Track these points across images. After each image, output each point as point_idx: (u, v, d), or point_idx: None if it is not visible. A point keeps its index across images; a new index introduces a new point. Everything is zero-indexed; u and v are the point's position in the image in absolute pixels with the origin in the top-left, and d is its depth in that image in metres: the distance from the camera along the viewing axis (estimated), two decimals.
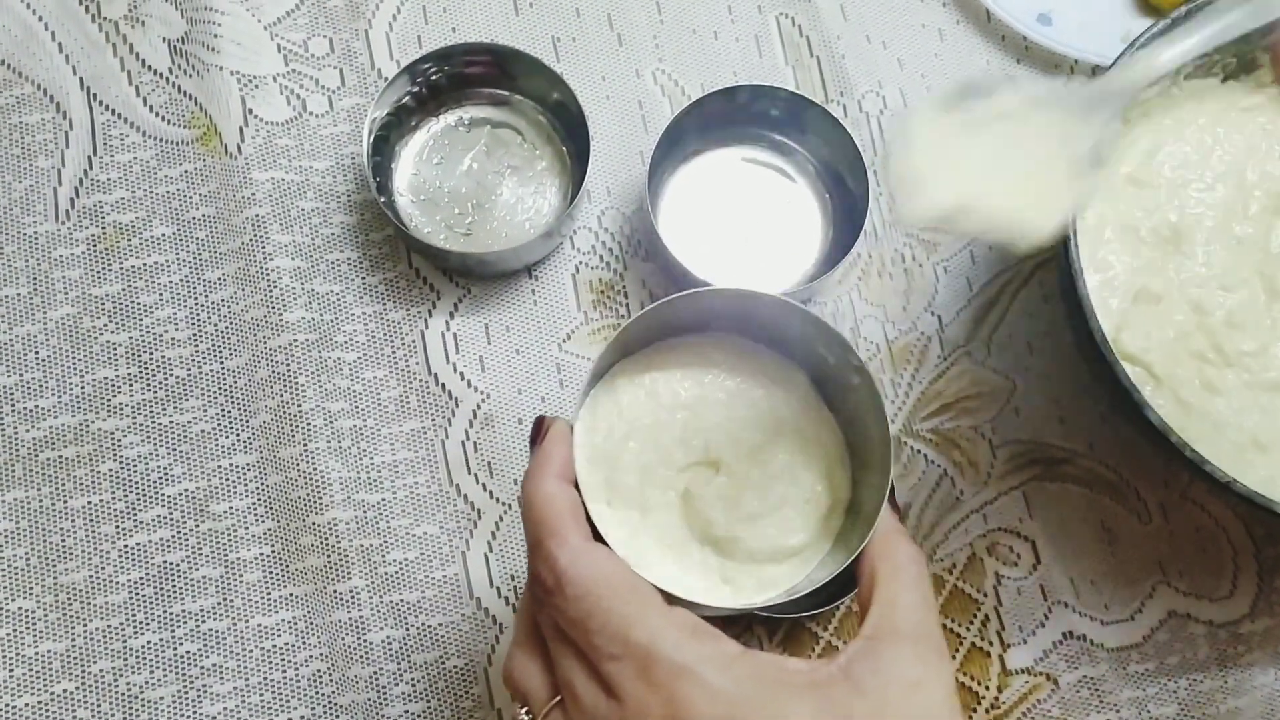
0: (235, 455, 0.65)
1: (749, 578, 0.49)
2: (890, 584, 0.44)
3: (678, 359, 0.52)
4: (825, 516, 0.50)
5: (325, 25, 0.72)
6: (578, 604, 0.40)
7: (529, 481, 0.44)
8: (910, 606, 0.43)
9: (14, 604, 0.63)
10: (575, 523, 0.43)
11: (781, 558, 0.49)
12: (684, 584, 0.48)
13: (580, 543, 0.42)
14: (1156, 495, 0.67)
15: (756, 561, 0.49)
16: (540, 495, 0.43)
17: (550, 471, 0.44)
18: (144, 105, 0.70)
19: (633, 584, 0.41)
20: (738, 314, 0.51)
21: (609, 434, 0.50)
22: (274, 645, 0.63)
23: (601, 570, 0.41)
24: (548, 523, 0.42)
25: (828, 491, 0.50)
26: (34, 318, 0.67)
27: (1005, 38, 0.74)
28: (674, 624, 0.40)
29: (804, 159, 0.70)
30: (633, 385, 0.51)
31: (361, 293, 0.68)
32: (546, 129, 0.70)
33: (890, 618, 0.43)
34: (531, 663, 0.43)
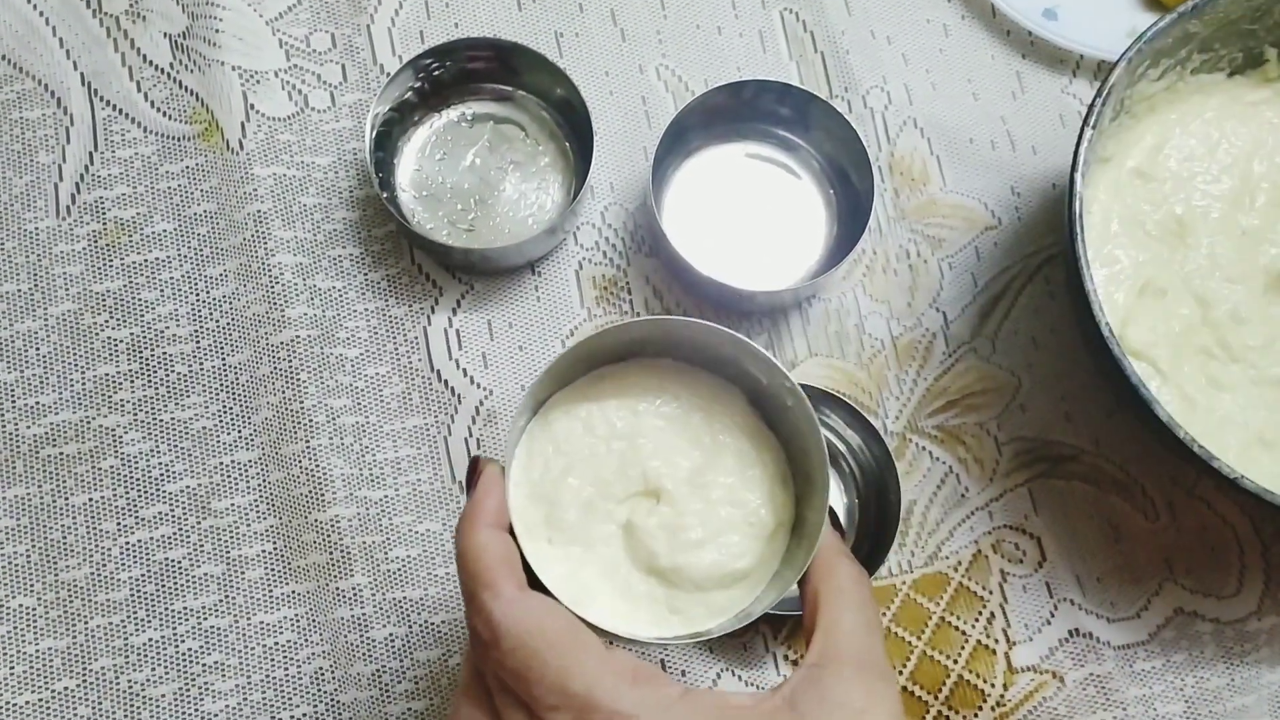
0: (237, 452, 0.65)
1: (697, 606, 0.49)
2: (832, 608, 0.44)
3: (612, 388, 0.51)
4: (770, 537, 0.50)
5: (327, 20, 0.72)
6: (514, 656, 0.40)
7: (461, 533, 0.43)
8: (853, 631, 0.43)
9: (15, 601, 0.62)
10: (509, 572, 0.42)
11: (729, 583, 0.49)
12: (631, 618, 0.48)
13: (514, 593, 0.41)
14: (1163, 492, 0.67)
15: (703, 589, 0.49)
16: (473, 546, 0.43)
17: (482, 521, 0.43)
18: (145, 100, 0.70)
19: (569, 632, 0.41)
20: (670, 340, 0.51)
21: (546, 470, 0.49)
22: (276, 642, 0.63)
23: (537, 620, 0.41)
24: (480, 575, 0.42)
25: (771, 512, 0.50)
26: (35, 314, 0.66)
27: (1010, 33, 0.74)
28: (612, 671, 0.40)
29: (808, 155, 0.70)
30: (567, 418, 0.50)
31: (364, 289, 0.68)
32: (549, 124, 0.70)
33: (834, 644, 0.43)
34: (477, 711, 0.43)
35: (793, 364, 0.68)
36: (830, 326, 0.68)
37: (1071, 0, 0.73)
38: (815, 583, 0.45)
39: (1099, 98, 0.58)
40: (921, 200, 0.71)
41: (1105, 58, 0.71)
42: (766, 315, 0.68)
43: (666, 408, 0.51)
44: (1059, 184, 0.71)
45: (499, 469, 0.46)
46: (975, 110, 0.73)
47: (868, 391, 0.68)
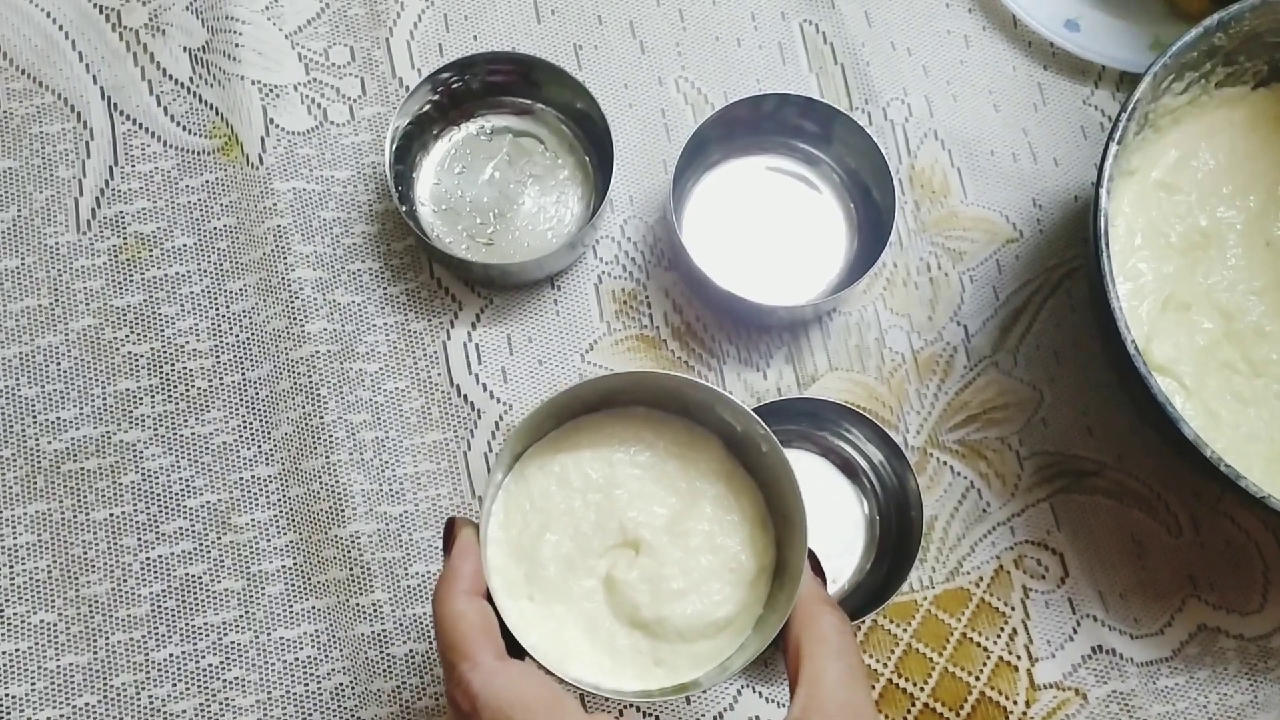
0: (257, 467, 0.65)
1: (681, 657, 0.49)
2: (815, 658, 0.44)
3: (587, 438, 0.51)
4: (752, 583, 0.50)
5: (346, 34, 0.72)
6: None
7: (437, 602, 0.43)
8: (836, 682, 0.43)
9: (36, 616, 0.63)
10: (487, 641, 0.42)
11: (713, 632, 0.49)
12: (615, 673, 0.48)
13: (492, 663, 0.41)
14: (1187, 507, 0.66)
15: (687, 640, 0.49)
16: (450, 616, 0.43)
17: (458, 588, 0.43)
18: (165, 115, 0.70)
19: (549, 700, 0.41)
20: (643, 389, 0.51)
21: (525, 527, 0.49)
22: (296, 658, 0.63)
23: (516, 691, 0.41)
24: (458, 645, 0.42)
25: (752, 557, 0.50)
26: (55, 329, 0.66)
27: (1032, 44, 0.73)
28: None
29: (829, 168, 0.69)
30: (542, 473, 0.50)
31: (383, 303, 0.68)
32: (569, 138, 0.70)
33: (818, 696, 0.43)
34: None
35: (813, 378, 0.68)
36: (850, 340, 0.68)
37: (1093, 12, 0.72)
38: (797, 632, 0.45)
39: (1124, 112, 0.58)
40: (942, 213, 0.70)
41: (1127, 69, 0.71)
42: (786, 329, 0.68)
43: (641, 456, 0.51)
44: (1081, 196, 0.71)
45: (474, 532, 0.46)
46: (996, 122, 0.72)
47: (888, 406, 0.67)
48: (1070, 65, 0.73)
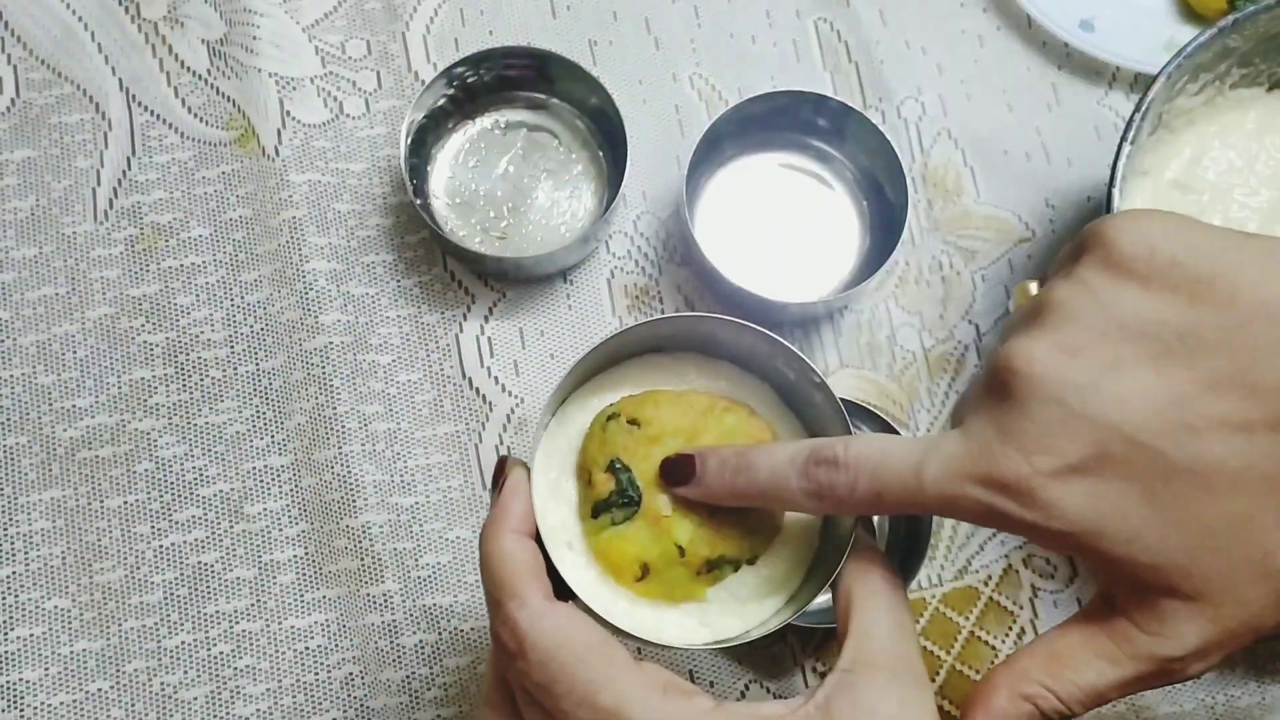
0: (270, 457, 0.65)
1: (730, 617, 0.47)
2: (865, 611, 0.42)
3: (632, 377, 0.49)
4: (803, 534, 0.48)
5: (363, 27, 0.72)
6: (542, 669, 0.39)
7: (485, 539, 0.42)
8: (887, 635, 0.42)
9: (50, 603, 0.63)
10: (535, 581, 0.41)
11: (764, 593, 0.47)
12: (657, 630, 0.46)
13: (541, 603, 0.40)
14: None
15: (738, 599, 0.47)
16: (497, 553, 0.42)
17: (507, 526, 0.42)
18: (182, 106, 0.70)
19: (598, 644, 0.40)
20: (695, 336, 0.49)
21: (562, 469, 0.47)
22: (307, 647, 0.63)
23: (564, 632, 0.40)
24: (506, 583, 0.41)
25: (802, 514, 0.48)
26: (72, 317, 0.67)
27: (1046, 44, 0.73)
28: (642, 684, 0.39)
29: (842, 165, 0.70)
30: (583, 412, 0.48)
31: (396, 296, 0.68)
32: (583, 133, 0.70)
33: (867, 648, 0.41)
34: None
35: (824, 375, 0.67)
36: (862, 338, 0.68)
37: (1108, 12, 0.72)
38: (848, 585, 0.43)
39: (1137, 113, 0.58)
40: (955, 212, 0.70)
41: (1142, 70, 0.71)
42: (798, 326, 0.68)
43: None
44: (1094, 196, 0.71)
45: (525, 472, 0.45)
46: (1010, 121, 0.72)
47: (899, 404, 0.67)
48: (1085, 65, 0.73)
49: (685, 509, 0.46)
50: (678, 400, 0.47)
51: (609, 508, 0.46)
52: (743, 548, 0.46)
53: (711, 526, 0.46)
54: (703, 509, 0.46)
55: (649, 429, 0.46)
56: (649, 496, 0.46)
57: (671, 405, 0.47)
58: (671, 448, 0.46)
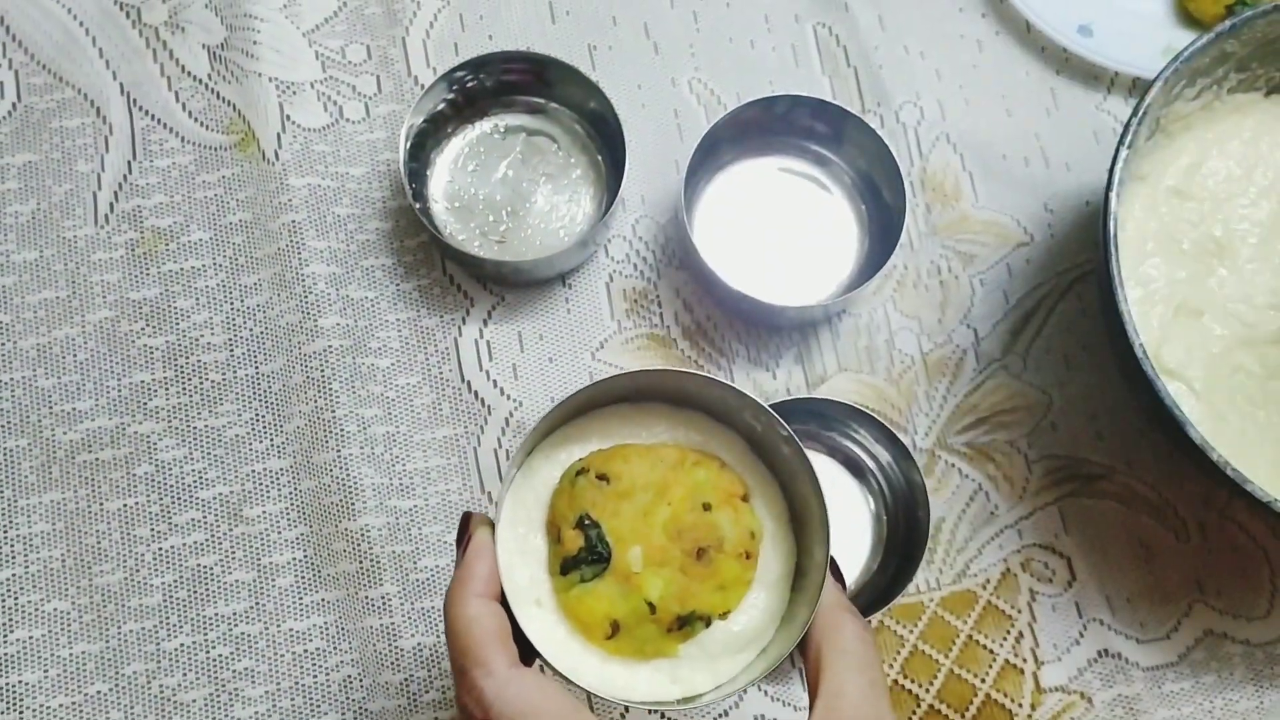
0: (269, 460, 0.66)
1: (701, 674, 0.46)
2: (836, 671, 0.42)
3: (600, 430, 0.48)
4: (774, 587, 0.47)
5: (363, 32, 0.72)
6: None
7: (450, 603, 0.42)
8: (859, 695, 0.42)
9: (49, 605, 0.63)
10: (501, 647, 0.41)
11: (738, 647, 0.47)
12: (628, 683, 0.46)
13: (505, 670, 0.40)
14: (1195, 513, 0.66)
15: (710, 656, 0.46)
16: (462, 619, 0.41)
17: (471, 591, 0.42)
18: (183, 111, 0.71)
19: (564, 711, 0.40)
20: (663, 388, 0.49)
21: (530, 524, 0.47)
22: (305, 650, 0.63)
23: (530, 700, 0.40)
24: (471, 650, 0.41)
25: (776, 562, 0.48)
26: (72, 320, 0.67)
27: (1045, 49, 0.73)
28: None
29: (840, 169, 0.70)
30: (551, 465, 0.48)
31: (396, 299, 0.68)
32: (582, 137, 0.70)
33: (838, 709, 0.42)
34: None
35: (822, 379, 0.68)
36: (860, 342, 0.68)
37: (1106, 17, 0.72)
38: (818, 641, 0.44)
39: (1134, 117, 0.58)
40: (953, 216, 0.71)
41: (1140, 75, 0.71)
42: (796, 329, 0.68)
43: None
44: (1092, 201, 0.71)
45: (489, 531, 0.44)
46: (1008, 126, 0.72)
47: (897, 407, 0.67)
48: (1083, 70, 0.73)
49: (656, 565, 0.45)
50: (647, 454, 0.47)
51: (578, 564, 0.46)
52: (714, 603, 0.46)
53: (682, 583, 0.45)
54: (674, 565, 0.45)
55: (619, 484, 0.46)
56: (619, 553, 0.46)
57: (641, 459, 0.47)
58: (642, 502, 0.46)
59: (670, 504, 0.46)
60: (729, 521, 0.46)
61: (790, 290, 0.68)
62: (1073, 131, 0.72)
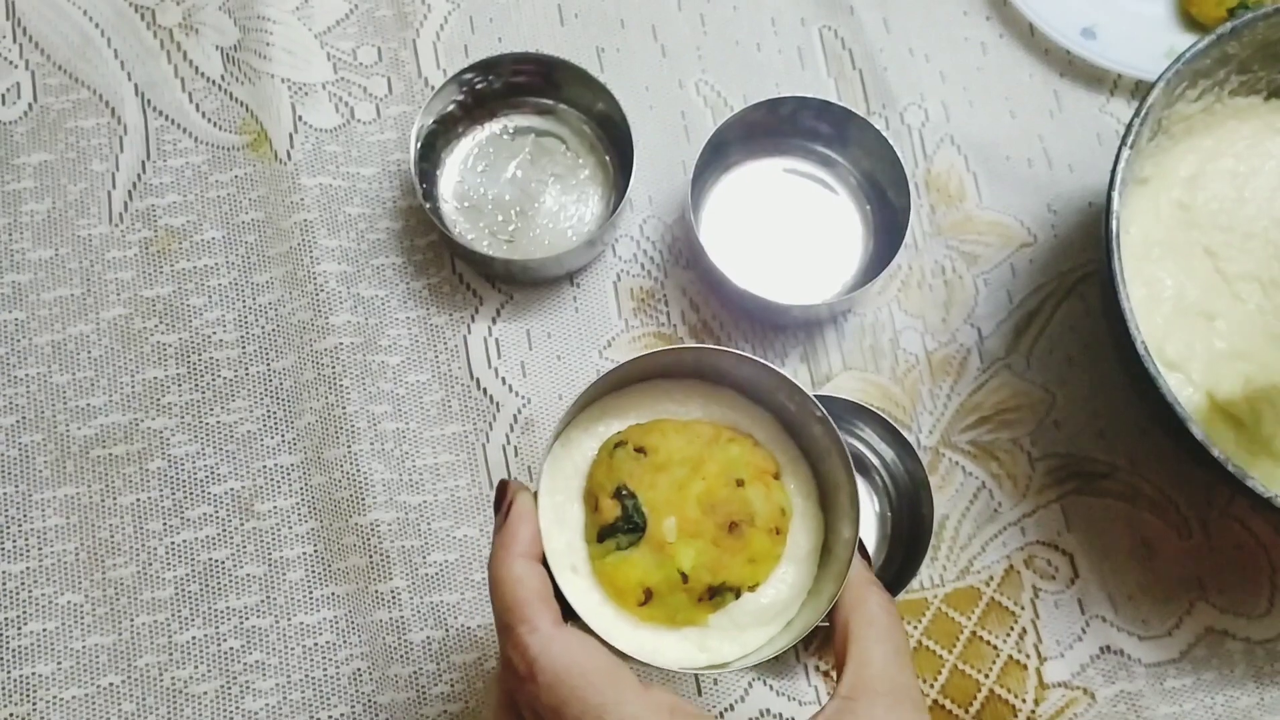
0: (280, 455, 0.66)
1: (730, 644, 0.47)
2: (863, 639, 0.44)
3: (634, 404, 0.50)
4: (804, 562, 0.49)
5: (374, 34, 0.73)
6: (551, 692, 0.40)
7: (495, 563, 0.43)
8: (884, 662, 0.43)
9: (63, 598, 0.64)
10: (545, 606, 0.42)
11: (767, 619, 0.48)
12: (656, 649, 0.47)
13: (550, 628, 0.42)
14: (1197, 510, 0.67)
15: (739, 626, 0.48)
16: (508, 578, 0.43)
17: (516, 551, 0.43)
18: (197, 111, 0.72)
19: (607, 669, 0.41)
20: (700, 365, 0.50)
21: (567, 493, 0.48)
22: (315, 643, 0.64)
23: (574, 656, 0.41)
24: (516, 608, 0.42)
25: (806, 536, 0.49)
26: (87, 318, 0.68)
27: (1049, 52, 0.74)
28: (650, 708, 0.40)
29: (845, 170, 0.70)
30: (589, 438, 0.49)
31: (406, 297, 0.69)
32: (590, 138, 0.71)
33: (865, 675, 0.43)
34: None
35: (827, 377, 0.68)
36: (865, 341, 0.69)
37: (1110, 20, 0.73)
38: (845, 613, 0.45)
39: (1136, 118, 0.59)
40: (958, 217, 0.71)
41: (1143, 77, 0.72)
42: (802, 329, 0.69)
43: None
44: (1095, 202, 0.72)
45: (531, 497, 0.46)
46: (1012, 128, 0.73)
47: (902, 406, 0.68)
48: (1086, 73, 0.74)
49: (689, 536, 0.47)
50: (684, 429, 0.49)
51: (614, 533, 0.47)
52: (744, 575, 0.47)
53: (714, 554, 0.47)
54: (706, 537, 0.47)
55: (655, 457, 0.47)
56: (654, 523, 0.47)
57: (678, 434, 0.48)
58: (677, 475, 0.47)
59: (704, 478, 0.47)
60: (760, 497, 0.48)
61: (796, 290, 0.68)
62: (1076, 133, 0.73)
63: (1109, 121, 0.73)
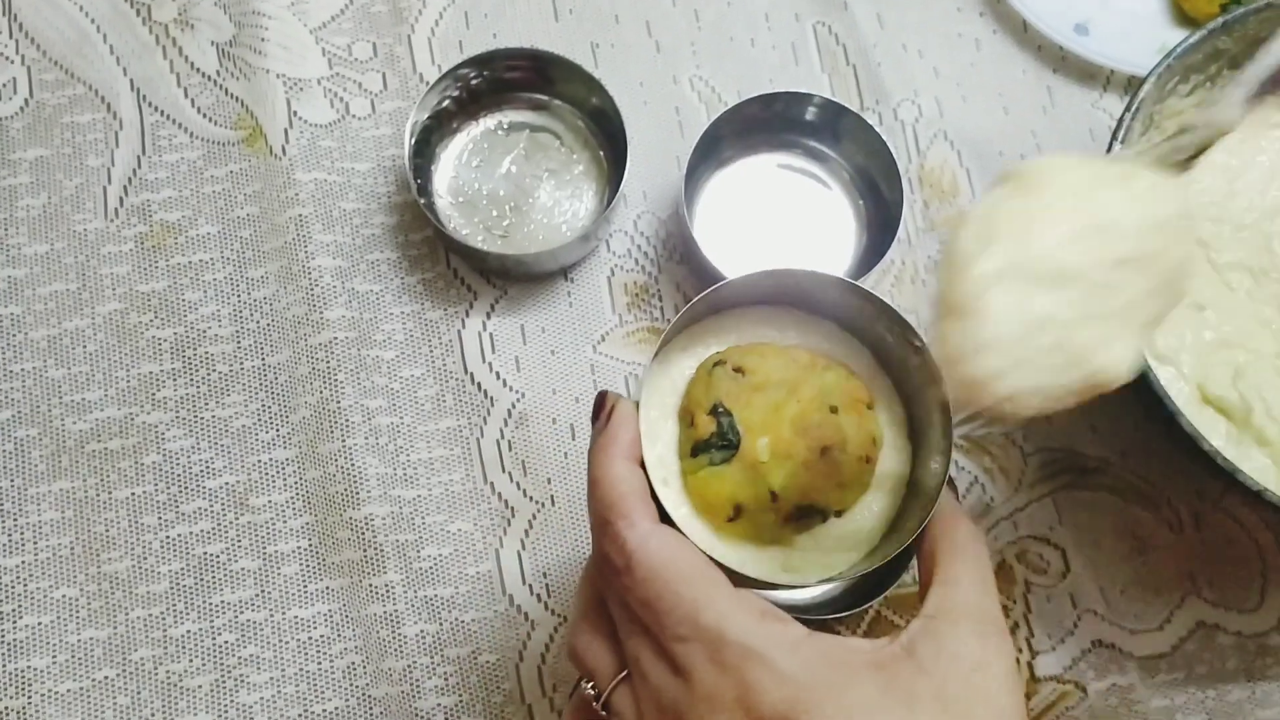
0: (275, 450, 0.67)
1: (813, 566, 0.48)
2: (951, 563, 0.44)
3: (733, 327, 0.50)
4: (888, 495, 0.49)
5: (369, 30, 0.74)
6: (647, 585, 0.41)
7: (596, 463, 0.44)
8: (971, 586, 0.43)
9: (58, 592, 0.64)
10: (643, 504, 0.43)
11: (851, 545, 0.48)
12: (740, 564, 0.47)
13: (648, 525, 0.42)
14: (1189, 505, 0.67)
15: (824, 550, 0.48)
16: (609, 475, 0.43)
17: (618, 452, 0.44)
18: (192, 106, 0.72)
19: (701, 567, 0.42)
20: (800, 291, 0.50)
21: (663, 409, 0.49)
22: (310, 637, 0.64)
23: (670, 552, 0.41)
24: (616, 504, 0.42)
25: (898, 465, 0.49)
26: (82, 313, 0.68)
27: (1042, 47, 0.74)
28: (742, 607, 0.40)
29: (839, 166, 0.71)
30: (685, 356, 0.49)
31: (400, 292, 0.69)
32: (584, 133, 0.71)
33: (951, 597, 0.43)
34: (596, 639, 0.44)
35: None
36: None
37: (1103, 16, 0.73)
38: (934, 538, 0.45)
39: (1128, 112, 0.59)
40: (950, 212, 0.71)
41: (1136, 73, 0.72)
42: None
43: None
44: None
45: (631, 405, 0.46)
46: (1006, 124, 0.73)
47: None
48: (1079, 69, 0.74)
49: (781, 457, 0.47)
50: (782, 353, 0.49)
51: (709, 448, 0.47)
52: (832, 499, 0.47)
53: (805, 476, 0.47)
54: (798, 459, 0.46)
55: (753, 378, 0.47)
56: (748, 441, 0.47)
57: (776, 357, 0.48)
58: (773, 397, 0.47)
59: (800, 402, 0.47)
60: (853, 425, 0.47)
61: None
62: (1069, 129, 0.73)
63: (1102, 117, 0.73)
